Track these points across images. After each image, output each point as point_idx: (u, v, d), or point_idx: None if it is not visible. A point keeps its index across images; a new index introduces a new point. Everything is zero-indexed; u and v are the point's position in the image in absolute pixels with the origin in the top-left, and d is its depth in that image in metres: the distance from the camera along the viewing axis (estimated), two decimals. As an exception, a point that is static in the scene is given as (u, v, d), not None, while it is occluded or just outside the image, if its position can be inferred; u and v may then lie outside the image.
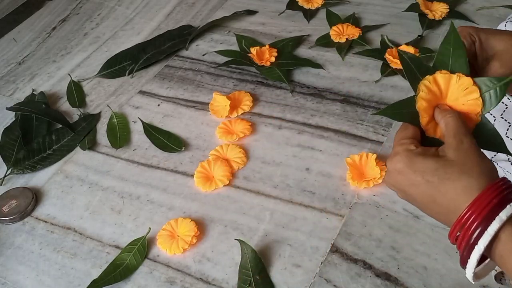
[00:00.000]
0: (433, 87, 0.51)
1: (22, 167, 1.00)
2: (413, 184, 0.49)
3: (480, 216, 0.45)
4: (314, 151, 0.94)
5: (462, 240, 0.46)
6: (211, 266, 0.80)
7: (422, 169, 0.48)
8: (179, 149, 0.99)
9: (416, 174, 0.48)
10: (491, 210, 0.44)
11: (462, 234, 0.46)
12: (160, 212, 0.89)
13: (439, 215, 0.49)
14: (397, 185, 0.51)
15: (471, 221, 0.45)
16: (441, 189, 0.47)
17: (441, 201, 0.47)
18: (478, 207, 0.45)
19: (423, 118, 0.51)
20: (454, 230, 0.46)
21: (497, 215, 0.44)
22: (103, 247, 0.86)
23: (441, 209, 0.48)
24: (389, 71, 1.07)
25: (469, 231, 0.45)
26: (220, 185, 0.91)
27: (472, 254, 0.45)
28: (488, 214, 0.44)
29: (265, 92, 1.09)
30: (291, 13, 1.30)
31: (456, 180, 0.47)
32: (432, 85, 0.51)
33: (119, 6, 1.47)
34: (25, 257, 0.86)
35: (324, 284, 0.75)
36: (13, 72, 1.28)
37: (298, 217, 0.84)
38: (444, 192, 0.47)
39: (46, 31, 1.41)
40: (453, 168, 0.47)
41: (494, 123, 0.76)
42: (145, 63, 1.21)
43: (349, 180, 0.87)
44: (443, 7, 1.19)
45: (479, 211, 0.45)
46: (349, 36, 1.17)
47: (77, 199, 0.94)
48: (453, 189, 0.46)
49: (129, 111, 1.10)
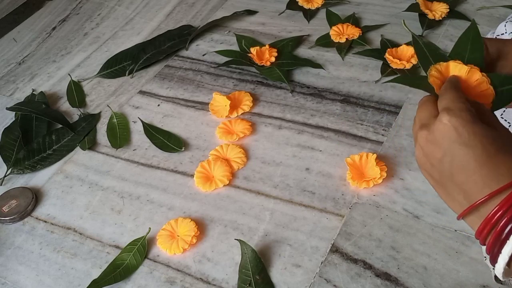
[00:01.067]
0: (444, 71, 0.51)
1: (22, 167, 1.00)
2: (467, 145, 0.44)
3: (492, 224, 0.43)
4: (314, 151, 0.95)
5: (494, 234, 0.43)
6: (211, 266, 0.80)
7: (482, 134, 0.44)
8: (179, 149, 0.99)
9: (476, 136, 0.44)
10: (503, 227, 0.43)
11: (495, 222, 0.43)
12: (160, 212, 0.89)
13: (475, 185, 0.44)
14: (445, 140, 0.46)
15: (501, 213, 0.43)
16: (494, 160, 0.44)
17: (487, 173, 0.44)
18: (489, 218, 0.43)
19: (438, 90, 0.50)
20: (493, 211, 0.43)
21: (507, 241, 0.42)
22: (103, 247, 0.86)
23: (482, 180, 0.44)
24: (389, 71, 1.07)
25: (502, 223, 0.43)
26: (220, 185, 0.91)
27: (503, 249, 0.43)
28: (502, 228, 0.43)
29: (265, 92, 1.09)
30: (291, 13, 1.30)
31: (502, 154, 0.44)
32: (444, 69, 0.51)
33: (119, 6, 1.47)
34: (25, 257, 0.86)
35: (324, 284, 0.75)
36: (13, 72, 1.28)
37: (298, 217, 0.84)
38: (496, 163, 0.44)
39: (46, 31, 1.41)
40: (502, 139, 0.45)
41: None
42: (145, 63, 1.21)
43: (349, 180, 0.87)
44: (443, 7, 1.19)
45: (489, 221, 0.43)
46: (349, 36, 1.17)
47: (77, 199, 0.94)
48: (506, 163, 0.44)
49: (129, 111, 1.10)
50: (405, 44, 1.10)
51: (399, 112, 0.99)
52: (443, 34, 1.15)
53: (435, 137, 0.47)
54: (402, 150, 0.92)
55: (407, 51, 1.08)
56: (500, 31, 0.82)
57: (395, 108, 1.00)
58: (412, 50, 1.07)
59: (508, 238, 0.43)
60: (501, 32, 0.81)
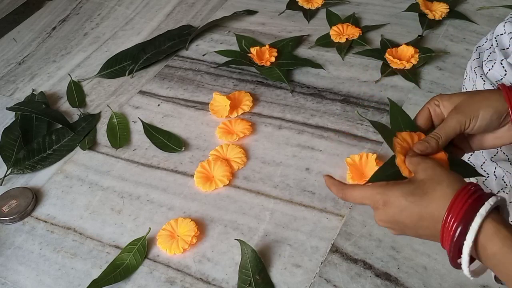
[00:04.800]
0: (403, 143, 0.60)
1: (22, 167, 1.00)
2: (400, 209, 0.54)
3: (459, 215, 0.49)
4: (314, 151, 0.95)
5: (448, 241, 0.50)
6: (211, 266, 0.80)
7: (402, 194, 0.54)
8: (179, 149, 0.99)
9: (399, 199, 0.53)
10: (468, 208, 0.49)
11: (447, 235, 0.50)
12: (160, 212, 0.89)
13: (429, 230, 0.53)
14: (388, 217, 0.55)
15: (453, 221, 0.49)
16: (422, 204, 0.52)
17: (426, 215, 0.52)
18: (456, 208, 0.50)
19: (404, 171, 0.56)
20: (442, 235, 0.51)
21: (476, 213, 0.49)
22: (103, 247, 0.86)
23: (429, 223, 0.52)
24: (389, 71, 1.07)
25: (451, 231, 0.50)
26: (220, 185, 0.91)
27: (463, 249, 0.49)
28: (466, 212, 0.49)
29: (265, 92, 1.09)
30: (291, 13, 1.30)
31: (432, 192, 0.52)
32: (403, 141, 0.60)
33: (119, 6, 1.47)
34: (25, 257, 0.86)
35: (324, 284, 0.75)
36: (13, 72, 1.28)
37: (298, 217, 0.84)
38: (426, 205, 0.52)
39: (46, 31, 1.41)
40: (427, 184, 0.53)
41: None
42: (145, 63, 1.21)
43: (349, 180, 0.87)
44: (443, 7, 1.19)
45: (457, 211, 0.49)
46: (349, 36, 1.17)
47: (77, 199, 0.94)
48: (432, 200, 0.52)
49: (129, 111, 1.10)
50: (405, 44, 1.10)
51: (399, 112, 0.99)
52: (443, 34, 1.15)
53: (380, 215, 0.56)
54: (402, 150, 0.91)
55: (407, 51, 1.08)
56: (499, 32, 0.82)
57: (395, 108, 1.00)
58: (412, 50, 1.07)
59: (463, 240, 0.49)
60: (500, 32, 0.81)
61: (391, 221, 0.56)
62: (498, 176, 0.78)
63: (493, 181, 0.79)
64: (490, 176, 0.80)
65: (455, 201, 0.50)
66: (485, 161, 0.81)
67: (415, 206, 0.53)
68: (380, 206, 0.55)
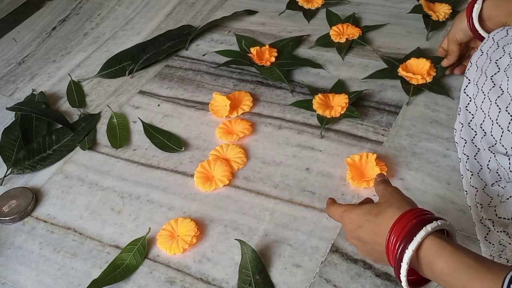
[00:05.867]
0: None
1: (22, 167, 1.00)
2: (359, 226, 0.63)
3: (403, 232, 0.56)
4: (314, 151, 0.95)
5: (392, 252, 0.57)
6: (211, 266, 0.80)
7: (361, 213, 0.63)
8: (179, 149, 0.99)
9: (359, 217, 0.63)
10: (413, 227, 0.55)
11: (392, 247, 0.57)
12: (160, 212, 0.89)
13: (382, 247, 0.59)
14: (351, 233, 0.65)
15: (397, 237, 0.56)
16: (376, 222, 0.60)
17: (378, 232, 0.60)
18: (400, 225, 0.57)
19: None
20: (387, 249, 0.58)
21: (419, 230, 0.55)
22: (103, 247, 0.86)
23: (382, 240, 0.59)
24: (413, 89, 1.02)
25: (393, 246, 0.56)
26: (220, 185, 0.91)
27: (403, 257, 0.55)
28: (410, 230, 0.55)
29: (265, 92, 1.09)
30: (291, 13, 1.30)
31: (384, 212, 0.60)
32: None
33: (119, 6, 1.47)
34: (25, 257, 0.86)
35: (324, 284, 0.75)
36: (13, 72, 1.28)
37: (298, 217, 0.85)
38: (379, 223, 0.60)
39: (46, 31, 1.41)
40: (382, 205, 0.62)
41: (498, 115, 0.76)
42: (145, 63, 1.21)
43: (349, 180, 0.87)
44: (446, 8, 1.18)
45: (401, 229, 0.56)
46: (349, 36, 1.17)
47: (77, 199, 0.94)
48: (384, 219, 0.59)
49: (129, 111, 1.10)
50: (414, 57, 1.05)
51: (399, 112, 0.99)
52: (442, 34, 1.15)
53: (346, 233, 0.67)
54: (402, 150, 0.92)
55: (419, 63, 1.03)
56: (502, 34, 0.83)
57: (395, 108, 1.00)
58: (425, 62, 1.03)
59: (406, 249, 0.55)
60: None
61: (354, 237, 0.64)
62: (492, 169, 0.79)
63: (487, 173, 0.79)
64: (483, 168, 0.80)
65: (400, 219, 0.57)
66: (478, 151, 0.81)
67: (370, 224, 0.61)
68: (347, 223, 0.65)
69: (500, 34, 0.83)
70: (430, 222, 0.55)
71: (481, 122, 0.81)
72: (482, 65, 0.83)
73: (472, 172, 0.81)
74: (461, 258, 0.52)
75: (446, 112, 0.97)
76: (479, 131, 0.82)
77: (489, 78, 0.80)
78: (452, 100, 0.98)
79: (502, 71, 0.78)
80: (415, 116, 0.97)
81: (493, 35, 0.84)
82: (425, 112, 0.98)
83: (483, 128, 0.80)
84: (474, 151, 0.82)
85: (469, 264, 0.51)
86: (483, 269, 0.50)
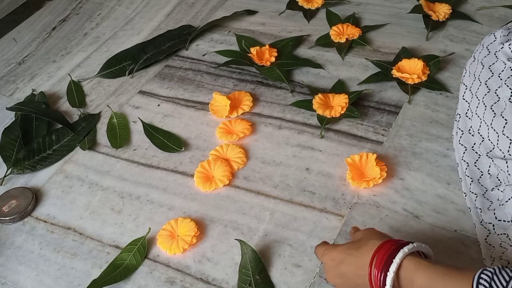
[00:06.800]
0: None
1: (22, 167, 1.00)
2: (341, 262, 0.65)
3: (384, 257, 0.60)
4: (314, 151, 0.95)
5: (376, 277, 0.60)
6: (211, 266, 0.80)
7: (342, 249, 0.66)
8: (179, 149, 0.99)
9: (340, 253, 0.65)
10: (392, 252, 0.60)
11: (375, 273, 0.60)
12: (160, 212, 0.89)
13: (364, 279, 0.62)
14: (332, 272, 0.66)
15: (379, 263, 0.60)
16: (358, 254, 0.63)
17: (361, 263, 0.62)
18: (381, 253, 0.61)
19: None
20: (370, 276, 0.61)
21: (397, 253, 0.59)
22: (103, 247, 0.86)
23: (364, 272, 0.62)
24: (412, 88, 1.02)
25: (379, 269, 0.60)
26: (220, 185, 0.91)
27: (387, 279, 0.59)
28: (391, 254, 0.60)
29: (265, 92, 1.09)
30: (291, 13, 1.30)
31: (365, 245, 0.64)
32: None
33: (119, 6, 1.47)
34: (25, 257, 0.86)
35: (324, 284, 0.75)
36: (13, 72, 1.28)
37: (298, 217, 0.85)
38: (360, 255, 0.63)
39: (46, 31, 1.41)
40: (362, 240, 0.65)
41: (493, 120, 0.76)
42: (145, 63, 1.21)
43: (349, 180, 0.87)
44: (446, 8, 1.18)
45: (382, 255, 0.60)
46: (349, 36, 1.17)
47: (77, 199, 0.94)
48: (366, 250, 0.63)
49: (129, 111, 1.10)
50: (405, 58, 1.06)
51: (399, 112, 0.99)
52: (442, 34, 1.15)
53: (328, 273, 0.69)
54: (402, 150, 0.92)
55: (412, 64, 1.04)
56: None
57: (395, 108, 1.00)
58: (417, 61, 1.03)
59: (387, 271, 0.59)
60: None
61: (335, 275, 0.66)
62: (493, 174, 0.79)
63: (488, 179, 0.79)
64: (484, 174, 0.80)
65: (381, 248, 0.61)
66: (479, 158, 0.81)
67: (352, 257, 0.64)
68: (328, 261, 0.67)
69: (488, 39, 0.83)
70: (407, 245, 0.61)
71: (478, 128, 0.81)
72: (475, 71, 0.83)
73: (472, 179, 0.81)
74: (437, 269, 0.58)
75: (446, 112, 0.97)
76: (477, 136, 0.81)
77: (483, 83, 0.80)
78: (452, 100, 0.98)
79: (496, 75, 0.78)
80: (415, 116, 0.97)
81: (483, 42, 0.84)
82: (425, 112, 0.98)
83: (481, 133, 0.80)
84: (474, 158, 0.82)
85: (444, 272, 0.57)
86: (457, 274, 0.57)
